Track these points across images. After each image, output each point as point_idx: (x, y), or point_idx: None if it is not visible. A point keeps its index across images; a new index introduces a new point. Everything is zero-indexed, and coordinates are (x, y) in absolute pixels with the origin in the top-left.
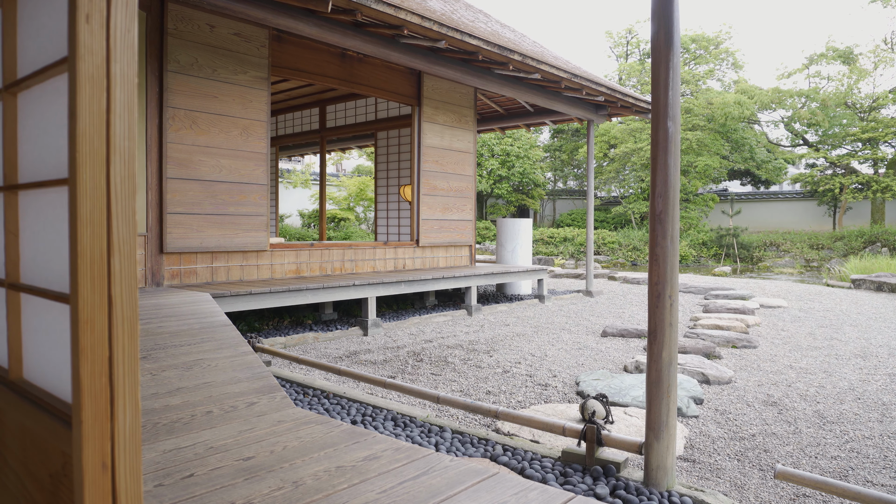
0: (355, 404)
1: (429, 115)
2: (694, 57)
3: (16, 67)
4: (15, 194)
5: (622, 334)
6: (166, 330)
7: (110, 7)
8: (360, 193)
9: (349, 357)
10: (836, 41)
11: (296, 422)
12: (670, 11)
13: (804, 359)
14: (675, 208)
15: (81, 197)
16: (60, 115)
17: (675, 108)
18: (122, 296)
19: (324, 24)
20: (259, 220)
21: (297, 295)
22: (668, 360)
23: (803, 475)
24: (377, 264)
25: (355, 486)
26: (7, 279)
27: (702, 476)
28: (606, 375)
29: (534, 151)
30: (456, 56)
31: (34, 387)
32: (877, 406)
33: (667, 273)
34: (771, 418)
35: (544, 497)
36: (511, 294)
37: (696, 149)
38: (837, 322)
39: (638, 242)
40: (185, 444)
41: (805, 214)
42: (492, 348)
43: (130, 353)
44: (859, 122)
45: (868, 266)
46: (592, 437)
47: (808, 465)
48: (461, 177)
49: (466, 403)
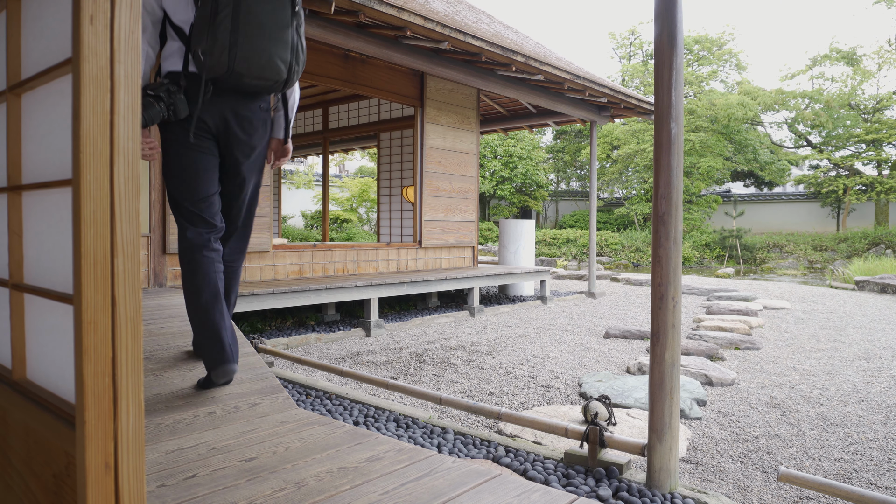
0: (358, 405)
1: (431, 116)
2: (697, 58)
3: (20, 68)
4: (19, 195)
5: (625, 336)
6: (169, 331)
7: (114, 8)
8: (362, 194)
9: (352, 358)
10: (839, 42)
11: (298, 423)
12: (674, 13)
13: (807, 361)
14: (679, 210)
15: (85, 198)
16: (64, 117)
17: (678, 109)
18: (126, 296)
19: (327, 25)
20: (262, 221)
21: (300, 296)
22: (671, 362)
23: (807, 477)
24: (380, 265)
25: (357, 488)
26: (11, 279)
27: (705, 478)
28: (609, 377)
29: (536, 153)
30: (459, 57)
31: (38, 387)
32: (881, 408)
33: (670, 274)
34: (774, 420)
35: (547, 499)
36: (514, 295)
37: (700, 150)
38: (841, 324)
39: (641, 244)
40: (188, 445)
41: (808, 216)
42: (494, 349)
43: (133, 354)
44: (863, 123)
45: (872, 268)
46: (595, 438)
47: (812, 468)
48: (464, 178)
49: (469, 405)
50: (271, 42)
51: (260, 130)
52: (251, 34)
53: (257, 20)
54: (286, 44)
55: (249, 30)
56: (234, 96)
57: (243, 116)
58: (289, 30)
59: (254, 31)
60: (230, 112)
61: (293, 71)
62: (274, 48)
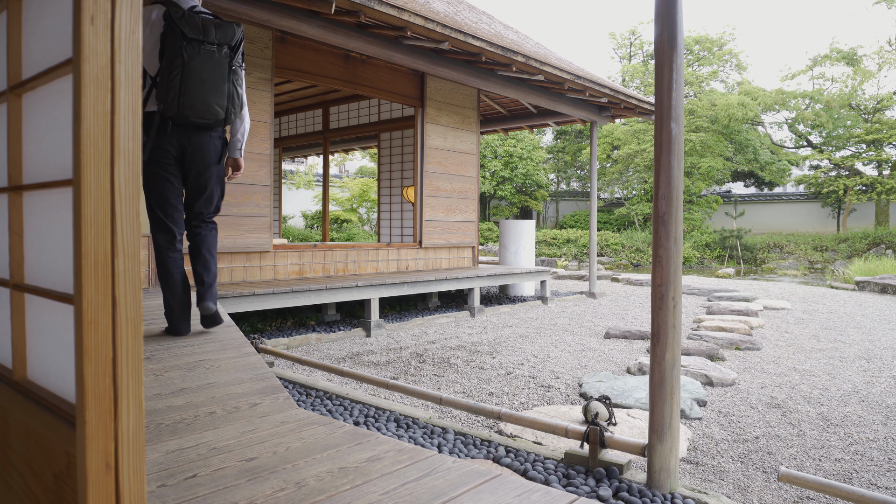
0: (358, 405)
1: (432, 116)
2: (697, 58)
3: (20, 69)
4: (19, 195)
5: (625, 336)
6: None
7: (115, 9)
8: (363, 195)
9: (352, 358)
10: (840, 42)
11: (298, 423)
12: (674, 13)
13: (808, 361)
14: (679, 210)
15: (85, 198)
16: (65, 117)
17: (678, 109)
18: (126, 296)
19: (327, 25)
20: (262, 221)
21: (300, 296)
22: (672, 362)
23: (807, 478)
24: (380, 265)
25: (358, 488)
26: (11, 280)
27: (705, 478)
28: (609, 377)
29: (537, 153)
30: (459, 57)
31: (38, 387)
32: (881, 408)
33: (670, 275)
34: (774, 420)
35: (547, 499)
36: (514, 295)
37: (700, 150)
38: (841, 324)
39: (641, 244)
40: (189, 445)
41: (809, 216)
42: (494, 350)
43: (134, 354)
44: (863, 123)
45: (872, 268)
46: (595, 438)
47: (812, 468)
48: (464, 178)
49: (469, 405)
50: (210, 93)
51: (212, 154)
52: (195, 86)
53: (200, 77)
54: (223, 94)
55: (194, 84)
56: (189, 129)
57: (196, 144)
58: (225, 83)
59: (197, 84)
60: (186, 140)
61: (229, 112)
62: (212, 97)
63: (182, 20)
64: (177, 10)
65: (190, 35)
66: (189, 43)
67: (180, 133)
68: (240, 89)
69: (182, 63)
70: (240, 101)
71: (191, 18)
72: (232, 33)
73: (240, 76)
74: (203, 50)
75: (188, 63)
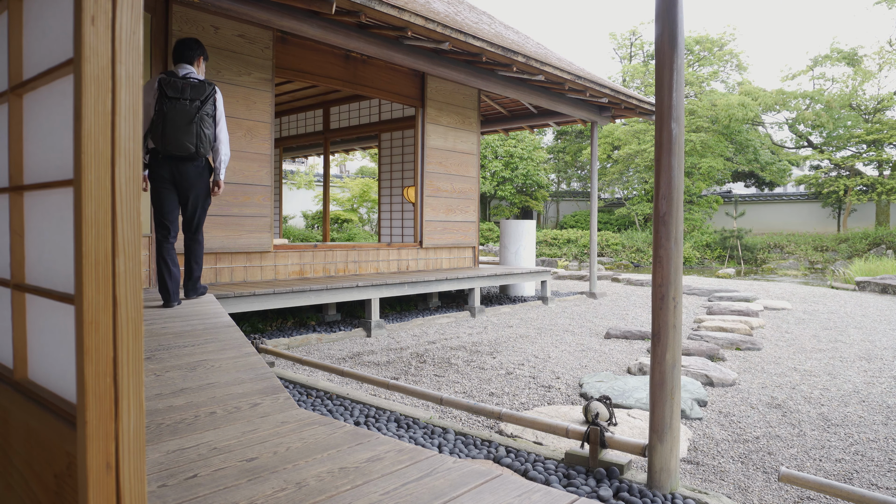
0: (358, 405)
1: (432, 116)
2: (698, 58)
3: (21, 69)
4: (20, 195)
5: (625, 336)
6: (170, 331)
7: (115, 9)
8: (363, 195)
9: (352, 358)
10: (840, 43)
11: (299, 423)
12: (674, 13)
13: (808, 361)
14: (679, 210)
15: (86, 198)
16: (66, 117)
17: (678, 109)
18: (127, 297)
19: (328, 25)
20: (263, 222)
21: (301, 296)
22: (672, 362)
23: (807, 478)
24: (380, 265)
25: (358, 488)
26: (12, 280)
27: (705, 478)
28: (610, 377)
29: (537, 153)
30: (460, 58)
31: (39, 387)
32: (881, 409)
33: (670, 275)
34: (775, 421)
35: (548, 499)
36: (514, 296)
37: (700, 150)
38: (842, 324)
39: (641, 244)
40: (189, 445)
41: (809, 216)
42: (495, 350)
43: (135, 354)
44: (864, 123)
45: (873, 268)
46: (596, 438)
47: (813, 468)
48: (465, 178)
49: (469, 405)
50: (180, 133)
51: (195, 178)
52: (171, 129)
53: (175, 123)
54: (192, 134)
55: (170, 128)
56: (174, 160)
57: (181, 171)
58: (192, 125)
59: (172, 128)
60: (174, 168)
61: (199, 146)
62: (183, 137)
63: (167, 84)
64: (167, 78)
65: (170, 94)
66: (169, 100)
67: (170, 163)
68: (207, 130)
69: (164, 113)
70: (208, 139)
71: (174, 83)
72: (203, 91)
73: (207, 122)
74: (178, 104)
75: (167, 114)
